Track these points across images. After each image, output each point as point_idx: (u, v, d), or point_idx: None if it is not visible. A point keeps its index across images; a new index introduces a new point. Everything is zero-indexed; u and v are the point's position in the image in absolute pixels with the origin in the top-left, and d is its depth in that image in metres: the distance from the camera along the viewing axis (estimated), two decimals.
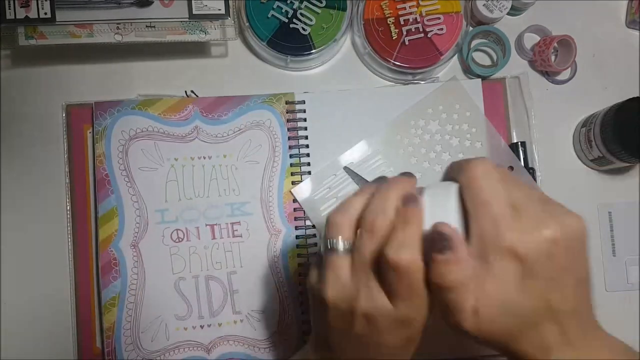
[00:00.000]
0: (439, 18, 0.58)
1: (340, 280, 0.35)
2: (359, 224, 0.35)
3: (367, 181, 0.57)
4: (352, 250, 0.35)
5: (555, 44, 0.59)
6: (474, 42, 0.61)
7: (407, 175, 0.38)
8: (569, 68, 0.61)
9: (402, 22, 0.58)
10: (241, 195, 0.56)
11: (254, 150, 0.57)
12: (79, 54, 0.59)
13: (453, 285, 0.31)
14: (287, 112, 0.57)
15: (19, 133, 0.58)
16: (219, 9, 0.53)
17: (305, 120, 0.58)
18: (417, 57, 0.58)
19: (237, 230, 0.56)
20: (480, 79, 0.59)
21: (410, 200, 0.34)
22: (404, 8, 0.59)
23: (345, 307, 0.35)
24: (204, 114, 0.57)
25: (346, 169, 0.57)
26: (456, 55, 0.60)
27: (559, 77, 0.61)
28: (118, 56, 0.59)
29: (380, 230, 0.34)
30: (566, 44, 0.59)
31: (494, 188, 0.32)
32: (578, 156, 0.61)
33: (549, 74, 0.61)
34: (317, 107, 0.58)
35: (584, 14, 0.62)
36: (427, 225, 0.33)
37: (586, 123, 0.58)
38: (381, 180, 0.38)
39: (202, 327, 0.55)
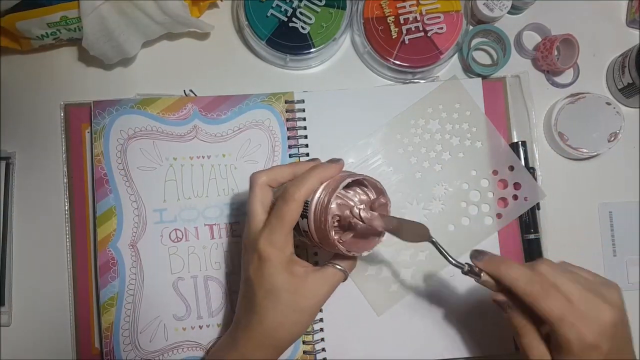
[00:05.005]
0: (439, 17, 0.58)
1: None
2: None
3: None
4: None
5: (557, 43, 0.58)
6: (474, 41, 0.61)
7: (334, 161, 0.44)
8: (572, 69, 0.61)
9: (402, 21, 0.58)
10: (240, 194, 0.56)
11: (253, 149, 0.56)
12: (77, 52, 0.59)
13: None
14: (286, 112, 0.57)
15: (18, 132, 0.57)
16: None
17: (304, 119, 0.57)
18: (417, 56, 0.58)
19: (236, 230, 0.56)
20: (480, 78, 0.59)
21: None
22: (404, 7, 0.58)
23: None
24: (203, 113, 0.56)
25: None
26: (456, 54, 0.60)
27: (561, 81, 0.61)
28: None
29: None
30: (568, 43, 0.59)
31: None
32: (608, 86, 0.62)
33: (550, 73, 0.61)
34: (317, 107, 0.58)
35: (585, 13, 0.62)
36: None
37: (624, 52, 0.59)
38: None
39: (200, 327, 0.54)
